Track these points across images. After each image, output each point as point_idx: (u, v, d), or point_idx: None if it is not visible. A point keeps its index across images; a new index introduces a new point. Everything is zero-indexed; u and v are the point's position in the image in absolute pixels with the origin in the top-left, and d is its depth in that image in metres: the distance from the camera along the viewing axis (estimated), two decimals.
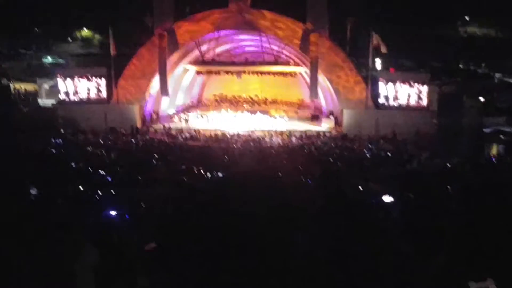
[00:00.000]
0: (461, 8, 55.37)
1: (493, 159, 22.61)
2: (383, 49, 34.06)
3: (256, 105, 43.58)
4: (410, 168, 19.93)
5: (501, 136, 31.23)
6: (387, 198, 8.53)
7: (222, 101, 45.01)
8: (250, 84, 44.39)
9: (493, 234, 5.23)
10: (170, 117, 40.19)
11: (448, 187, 10.20)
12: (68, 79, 37.31)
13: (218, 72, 38.81)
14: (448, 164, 18.49)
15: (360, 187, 10.40)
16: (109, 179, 13.84)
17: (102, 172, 15.33)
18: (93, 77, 37.33)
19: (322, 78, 35.99)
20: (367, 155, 27.14)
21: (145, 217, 7.45)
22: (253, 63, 38.24)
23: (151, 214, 7.50)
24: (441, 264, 5.14)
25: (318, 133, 35.13)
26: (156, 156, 23.38)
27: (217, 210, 5.92)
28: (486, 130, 31.63)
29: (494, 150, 27.19)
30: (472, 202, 6.74)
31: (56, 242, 5.65)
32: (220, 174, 16.02)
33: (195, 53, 38.32)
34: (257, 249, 5.20)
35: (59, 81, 37.52)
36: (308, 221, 5.60)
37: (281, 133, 35.01)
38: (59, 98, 37.74)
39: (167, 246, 5.77)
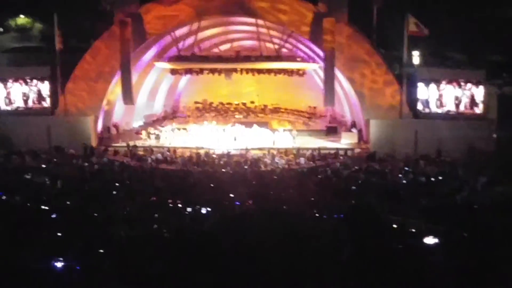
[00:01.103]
0: None
1: None
2: (425, 32, 34.00)
3: (252, 114, 43.63)
4: (461, 199, 19.94)
5: None
6: (431, 240, 8.54)
7: (206, 110, 45.05)
8: (244, 87, 44.47)
9: None
10: (135, 132, 40.17)
11: None
12: None
13: (200, 71, 38.90)
14: None
15: (394, 225, 10.39)
16: (55, 216, 13.80)
17: (44, 207, 15.28)
18: (33, 80, 37.37)
19: (340, 78, 36.12)
20: (403, 181, 27.10)
21: (103, 268, 7.42)
22: (248, 59, 38.32)
23: (111, 265, 7.48)
24: None
25: (336, 151, 35.11)
26: (117, 185, 23.31)
27: (201, 260, 5.91)
28: None
29: None
30: None
31: None
32: (203, 210, 15.99)
33: (170, 46, 38.50)
34: None
35: None
36: (328, 276, 5.57)
37: (286, 152, 35.00)
38: None
39: None
